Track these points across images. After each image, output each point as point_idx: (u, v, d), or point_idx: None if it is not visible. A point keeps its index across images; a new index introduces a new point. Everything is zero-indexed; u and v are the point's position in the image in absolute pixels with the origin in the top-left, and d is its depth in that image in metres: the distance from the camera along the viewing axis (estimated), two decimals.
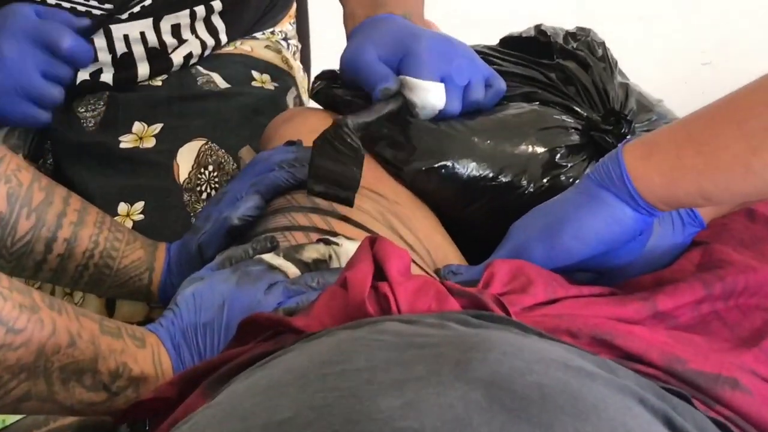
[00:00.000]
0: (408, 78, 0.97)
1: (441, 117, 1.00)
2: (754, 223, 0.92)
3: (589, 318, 0.73)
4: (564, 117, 1.02)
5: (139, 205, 1.10)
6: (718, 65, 2.65)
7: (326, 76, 1.11)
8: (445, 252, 0.96)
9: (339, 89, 1.07)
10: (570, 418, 0.49)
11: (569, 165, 0.98)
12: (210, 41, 1.25)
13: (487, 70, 1.03)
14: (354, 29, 1.05)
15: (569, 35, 1.13)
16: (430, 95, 0.97)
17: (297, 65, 1.39)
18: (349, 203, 0.91)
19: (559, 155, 0.98)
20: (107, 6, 1.14)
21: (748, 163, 0.72)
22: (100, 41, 1.16)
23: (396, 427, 0.47)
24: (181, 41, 1.22)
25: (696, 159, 0.74)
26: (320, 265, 0.83)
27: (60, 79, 1.06)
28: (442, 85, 0.98)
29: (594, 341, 0.70)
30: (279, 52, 1.34)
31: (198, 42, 1.24)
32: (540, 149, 0.98)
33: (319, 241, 0.85)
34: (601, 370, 0.57)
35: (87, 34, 1.10)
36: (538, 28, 1.14)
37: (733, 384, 0.69)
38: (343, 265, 0.83)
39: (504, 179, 0.97)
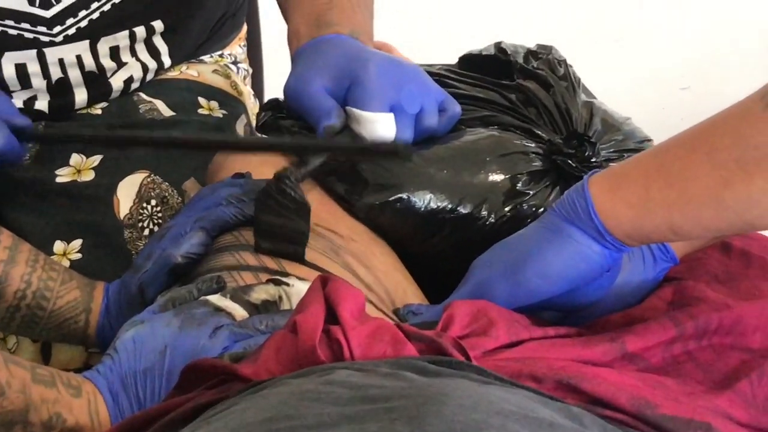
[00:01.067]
0: (354, 110, 0.96)
1: None
2: (729, 258, 0.93)
3: (554, 361, 0.73)
4: (524, 141, 1.02)
5: (77, 243, 1.09)
6: (697, 90, 2.68)
7: (272, 105, 1.10)
8: (405, 290, 0.96)
9: (286, 120, 1.07)
10: None
11: (532, 192, 0.98)
12: (152, 64, 1.24)
13: (441, 94, 1.03)
14: (298, 52, 1.04)
15: (530, 53, 1.14)
16: (379, 127, 0.96)
17: (248, 91, 1.38)
18: (299, 258, 0.92)
19: (520, 183, 0.98)
20: (40, 28, 1.13)
21: (720, 196, 0.72)
22: (33, 66, 1.15)
23: None
24: (121, 64, 1.21)
25: (665, 192, 0.75)
26: (270, 307, 0.83)
27: None
28: (391, 115, 0.96)
29: (559, 386, 0.70)
30: (228, 76, 1.34)
31: (139, 65, 1.23)
32: (500, 177, 0.98)
33: (268, 281, 0.85)
34: (566, 420, 0.57)
35: (23, 135, 1.07)
36: (498, 46, 1.15)
37: (706, 429, 0.70)
38: (294, 306, 0.83)
39: (464, 210, 0.97)
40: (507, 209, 0.98)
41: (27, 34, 1.13)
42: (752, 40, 2.73)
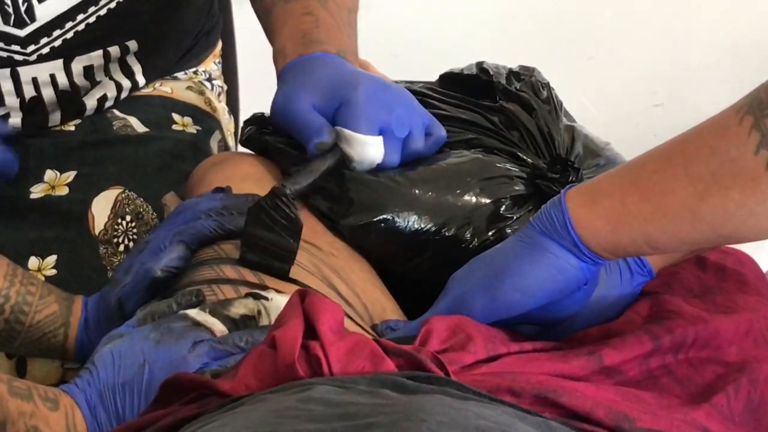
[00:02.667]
0: (345, 131, 0.96)
1: (378, 169, 0.99)
2: (704, 272, 0.93)
3: (532, 375, 0.73)
4: (508, 165, 1.02)
5: (51, 259, 1.08)
6: (670, 107, 2.69)
7: (256, 120, 1.10)
8: (383, 307, 0.96)
9: (270, 135, 1.06)
10: None
11: (515, 217, 0.98)
12: (126, 83, 1.23)
13: (428, 118, 1.03)
14: (284, 69, 1.03)
15: (512, 74, 1.13)
16: (369, 149, 0.97)
17: (222, 107, 1.38)
18: (284, 276, 0.91)
19: (504, 207, 0.98)
20: (14, 47, 1.11)
21: (696, 209, 0.72)
22: (6, 84, 1.14)
23: None
24: (95, 83, 1.20)
25: (642, 205, 0.75)
26: (248, 322, 0.82)
27: None
28: (380, 139, 0.97)
29: (537, 400, 0.70)
30: (202, 93, 1.33)
31: (113, 84, 1.22)
32: (484, 200, 0.98)
33: (248, 295, 0.84)
34: None
35: (10, 141, 1.07)
36: (480, 66, 1.14)
37: None
38: (273, 321, 0.82)
39: (447, 233, 0.97)
40: (490, 233, 0.97)
41: (1, 53, 1.11)
42: (724, 57, 2.74)
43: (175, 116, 1.26)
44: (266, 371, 0.67)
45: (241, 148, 1.17)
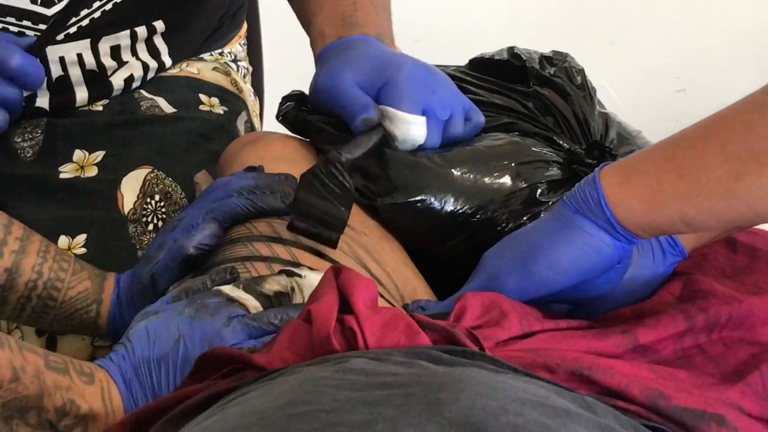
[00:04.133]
0: (390, 109, 0.96)
1: (418, 149, 0.99)
2: (735, 253, 0.92)
3: (567, 352, 0.72)
4: (544, 149, 1.01)
5: (81, 238, 1.07)
6: (693, 92, 2.67)
7: (294, 97, 1.09)
8: (414, 287, 0.96)
9: (309, 114, 1.06)
10: None
11: (551, 202, 0.97)
12: (152, 63, 1.23)
13: (467, 103, 1.03)
14: (324, 50, 1.04)
15: (545, 59, 1.12)
16: (413, 129, 0.97)
17: (247, 88, 1.37)
18: (333, 244, 0.90)
19: (540, 191, 0.97)
20: (41, 26, 1.11)
21: (732, 186, 0.72)
22: None
23: None
24: (121, 63, 1.20)
25: (677, 183, 0.74)
26: (282, 298, 0.82)
27: (7, 103, 1.04)
28: (424, 119, 0.97)
29: (572, 377, 0.70)
30: (228, 74, 1.33)
31: (139, 64, 1.22)
32: (521, 184, 0.97)
33: (281, 272, 0.84)
34: (580, 409, 0.56)
35: (34, 53, 1.07)
36: (511, 51, 1.13)
37: (719, 421, 0.69)
38: (306, 298, 0.82)
39: (483, 216, 0.96)
40: (525, 218, 0.97)
41: (28, 32, 1.11)
42: (747, 42, 2.72)
43: (203, 97, 1.26)
44: (302, 345, 0.67)
45: (265, 128, 1.16)
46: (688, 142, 0.76)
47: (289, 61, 1.02)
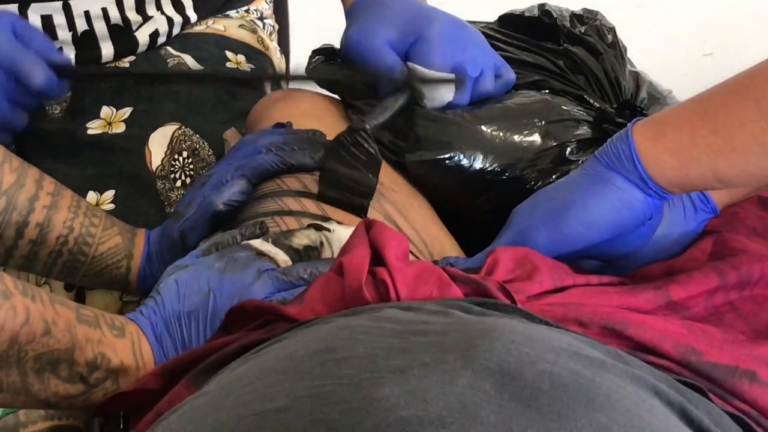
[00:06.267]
0: (418, 67, 0.96)
1: (448, 107, 0.99)
2: (766, 211, 0.91)
3: (599, 307, 0.72)
4: (575, 108, 1.00)
5: (110, 193, 1.08)
6: (720, 56, 2.64)
7: (324, 51, 1.09)
8: (443, 244, 0.95)
9: (339, 68, 1.05)
10: (583, 408, 0.48)
11: (580, 161, 0.97)
12: (177, 18, 1.23)
13: (499, 60, 1.02)
14: (355, 4, 1.03)
15: (575, 17, 1.11)
16: (441, 87, 0.97)
17: (273, 46, 1.37)
18: (363, 212, 0.91)
19: (569, 150, 0.97)
20: None
21: (766, 142, 0.71)
22: (59, 17, 1.13)
23: (399, 416, 0.45)
24: (146, 18, 1.20)
25: (711, 139, 0.73)
26: (311, 252, 0.81)
27: (27, 108, 1.04)
28: (453, 76, 0.97)
29: (604, 331, 0.69)
30: (254, 31, 1.32)
31: (164, 19, 1.21)
32: (550, 142, 0.97)
33: (310, 226, 0.83)
34: (614, 360, 0.56)
35: (62, 71, 1.06)
36: (542, 8, 1.12)
37: (751, 377, 0.68)
38: (336, 252, 0.81)
39: (512, 174, 0.96)
40: (554, 176, 0.96)
41: None
42: None
43: (229, 54, 1.26)
44: (334, 296, 0.67)
45: (293, 86, 1.16)
46: (722, 98, 0.75)
47: (315, 19, 1.01)
